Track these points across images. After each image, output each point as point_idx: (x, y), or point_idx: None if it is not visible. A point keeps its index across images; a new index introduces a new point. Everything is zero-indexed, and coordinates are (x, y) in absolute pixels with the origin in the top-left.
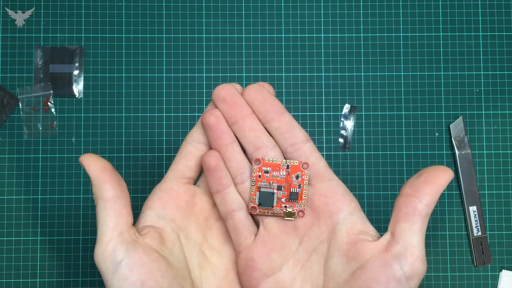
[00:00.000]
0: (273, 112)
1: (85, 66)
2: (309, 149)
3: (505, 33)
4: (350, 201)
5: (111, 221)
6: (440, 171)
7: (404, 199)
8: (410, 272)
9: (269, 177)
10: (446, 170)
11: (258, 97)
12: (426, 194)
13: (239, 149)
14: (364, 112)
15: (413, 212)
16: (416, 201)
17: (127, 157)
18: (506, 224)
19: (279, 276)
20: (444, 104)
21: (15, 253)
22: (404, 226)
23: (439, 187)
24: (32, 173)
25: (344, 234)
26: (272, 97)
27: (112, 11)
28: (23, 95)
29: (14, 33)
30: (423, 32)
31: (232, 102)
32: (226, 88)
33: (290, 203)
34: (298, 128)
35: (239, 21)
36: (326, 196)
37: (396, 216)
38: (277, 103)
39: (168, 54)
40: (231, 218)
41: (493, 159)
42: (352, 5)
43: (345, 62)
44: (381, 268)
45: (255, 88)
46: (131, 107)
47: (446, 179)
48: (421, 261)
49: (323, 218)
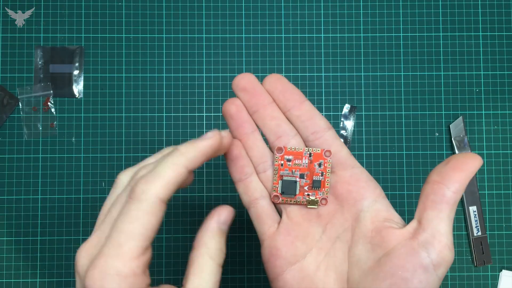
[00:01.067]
0: (294, 100)
1: (85, 66)
2: (331, 137)
3: (505, 33)
4: (374, 188)
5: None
6: (469, 158)
7: (432, 186)
8: (437, 260)
9: (291, 165)
10: (475, 156)
11: (278, 86)
12: (454, 181)
13: (261, 137)
14: (364, 112)
15: (441, 199)
16: (444, 188)
17: (127, 157)
18: (506, 224)
19: (303, 264)
20: (444, 104)
21: (15, 253)
22: (432, 214)
23: (468, 174)
24: (32, 173)
25: (368, 221)
26: (292, 86)
27: (112, 11)
28: (23, 95)
29: (14, 33)
30: (423, 32)
31: (252, 91)
32: (246, 77)
33: (313, 191)
34: (319, 116)
35: (239, 21)
36: (349, 183)
37: (423, 204)
38: (297, 91)
39: (168, 54)
40: (254, 206)
41: (493, 159)
42: (352, 5)
43: (345, 62)
44: (408, 256)
45: (275, 77)
46: (131, 107)
47: (475, 166)
48: (449, 249)
49: (346, 206)
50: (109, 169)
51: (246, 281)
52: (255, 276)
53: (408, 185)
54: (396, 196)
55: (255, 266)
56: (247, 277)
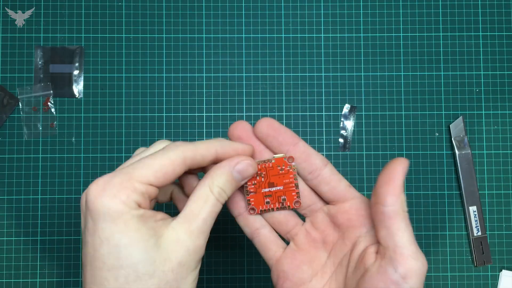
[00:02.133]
0: (288, 144)
1: (85, 66)
2: (328, 173)
3: (505, 33)
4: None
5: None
6: (391, 166)
7: (373, 209)
8: (404, 272)
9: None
10: (396, 161)
11: (270, 131)
12: (386, 196)
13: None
14: (364, 112)
15: (383, 217)
16: (380, 207)
17: (127, 157)
18: (506, 224)
19: (308, 286)
20: (444, 104)
21: (15, 253)
22: (383, 233)
23: (395, 182)
24: (32, 173)
25: (362, 246)
26: (284, 129)
27: (112, 11)
28: (23, 95)
29: (14, 33)
30: (423, 32)
31: (247, 139)
32: (240, 125)
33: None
34: (315, 155)
35: (239, 21)
36: (349, 213)
37: (375, 227)
38: (290, 133)
39: (168, 54)
40: (257, 236)
41: (493, 159)
42: (352, 5)
43: (345, 62)
44: (378, 275)
45: (266, 122)
46: (131, 107)
47: (398, 171)
48: (412, 258)
49: (347, 233)
50: (109, 169)
51: (246, 281)
52: (255, 276)
53: (408, 185)
54: None
55: (255, 266)
56: (247, 277)
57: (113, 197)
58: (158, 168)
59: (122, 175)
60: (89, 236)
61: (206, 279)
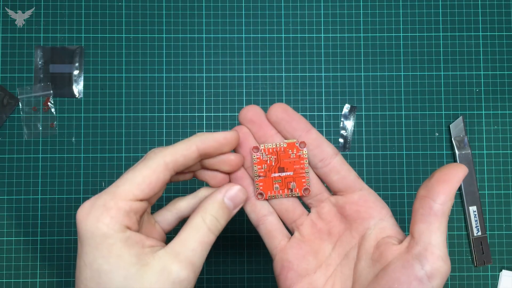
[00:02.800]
0: (300, 129)
1: (85, 66)
2: (339, 162)
3: (505, 33)
4: (381, 208)
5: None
6: (452, 169)
7: (420, 201)
8: (431, 271)
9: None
10: (459, 167)
11: (284, 116)
12: (440, 193)
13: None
14: (364, 112)
15: (429, 212)
16: (430, 201)
17: (127, 157)
18: (506, 224)
19: (312, 278)
20: (444, 104)
21: (15, 253)
22: (422, 227)
23: (452, 184)
24: (32, 173)
25: (373, 238)
26: (297, 115)
27: (112, 11)
28: (23, 95)
29: (14, 33)
30: (423, 32)
31: (259, 123)
32: (252, 109)
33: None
34: (326, 143)
35: (239, 21)
36: (358, 204)
37: (414, 218)
38: (303, 120)
39: (168, 54)
40: (263, 223)
41: (493, 159)
42: (352, 5)
43: (345, 62)
44: (403, 269)
45: (280, 107)
46: (131, 107)
47: (459, 176)
48: (442, 260)
49: (354, 225)
50: (109, 169)
51: (246, 281)
52: (255, 276)
53: (408, 185)
54: (396, 196)
55: (255, 266)
56: (247, 277)
57: (96, 220)
58: (140, 181)
59: (106, 196)
60: (77, 258)
61: (206, 279)
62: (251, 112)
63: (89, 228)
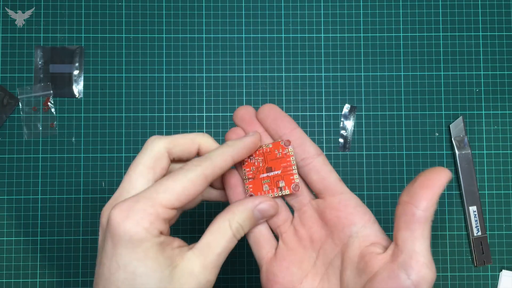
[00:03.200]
0: (285, 127)
1: (85, 66)
2: (320, 163)
3: (505, 33)
4: (363, 214)
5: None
6: (435, 173)
7: (402, 207)
8: (417, 280)
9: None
10: (442, 171)
11: (270, 114)
12: (422, 199)
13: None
14: (364, 112)
15: (411, 219)
16: (413, 208)
17: (127, 157)
18: (506, 224)
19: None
20: (444, 104)
21: (15, 253)
22: (405, 235)
23: (435, 190)
24: (32, 173)
25: (356, 246)
26: (283, 114)
27: (112, 11)
28: (23, 95)
29: (14, 33)
30: (423, 32)
31: (249, 121)
32: (244, 108)
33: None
34: (309, 143)
35: (239, 21)
36: (338, 209)
37: (397, 225)
38: (289, 119)
39: (168, 54)
40: (252, 231)
41: (493, 159)
42: (352, 5)
43: (345, 62)
44: (389, 279)
45: (268, 107)
46: (131, 107)
47: (442, 181)
48: (427, 267)
49: (336, 232)
50: (109, 169)
51: (246, 281)
52: (255, 276)
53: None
54: (396, 196)
55: (255, 266)
56: (247, 277)
57: (136, 224)
58: (181, 191)
59: (146, 200)
60: (106, 258)
61: None
62: (243, 111)
63: (127, 231)
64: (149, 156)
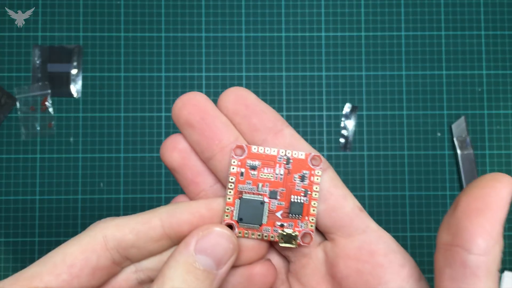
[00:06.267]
0: (266, 129)
1: (83, 66)
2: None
3: (508, 32)
4: (400, 266)
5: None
6: (487, 186)
7: (444, 253)
8: None
9: (257, 176)
10: (496, 179)
11: (240, 108)
12: (474, 236)
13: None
14: (365, 111)
15: (463, 272)
16: (461, 252)
17: (126, 157)
18: (508, 225)
19: None
20: (446, 103)
21: (12, 254)
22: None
23: (495, 215)
24: (30, 173)
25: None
26: (261, 106)
27: (110, 10)
28: (21, 95)
29: (11, 32)
30: (425, 31)
31: (202, 126)
32: (192, 101)
33: (290, 220)
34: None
35: (239, 20)
36: (359, 259)
37: (441, 283)
38: (270, 114)
39: (167, 54)
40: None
41: (495, 160)
42: (353, 4)
43: (346, 61)
44: None
45: (234, 94)
46: (130, 107)
47: (502, 196)
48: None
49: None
50: (107, 170)
51: None
52: None
53: (409, 185)
54: (397, 197)
55: None
56: None
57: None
58: (59, 261)
59: (8, 281)
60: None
61: None
62: (190, 106)
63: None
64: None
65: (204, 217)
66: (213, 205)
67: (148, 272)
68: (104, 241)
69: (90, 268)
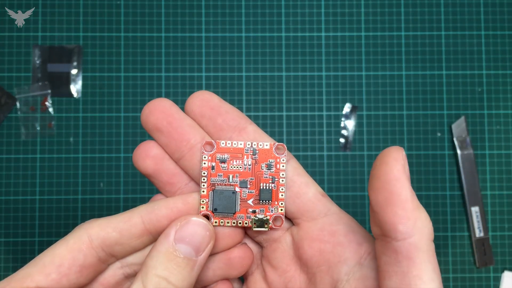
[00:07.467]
0: (230, 128)
1: (84, 65)
2: (291, 171)
3: (508, 32)
4: (358, 244)
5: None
6: (383, 171)
7: (379, 243)
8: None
9: (227, 168)
10: (388, 157)
11: (206, 111)
12: (394, 224)
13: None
14: (365, 111)
15: (396, 257)
16: (390, 241)
17: (126, 157)
18: (508, 225)
19: None
20: (446, 103)
21: (12, 255)
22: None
23: (401, 196)
24: (30, 173)
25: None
26: (225, 107)
27: (110, 10)
28: (21, 95)
29: (11, 32)
30: (425, 31)
31: (170, 130)
32: (159, 107)
33: (261, 206)
34: (268, 141)
35: (239, 20)
36: (321, 240)
37: (381, 271)
38: (234, 114)
39: (167, 54)
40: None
41: (496, 160)
42: (353, 4)
43: (346, 61)
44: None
45: (199, 98)
46: (130, 107)
47: (398, 173)
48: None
49: (319, 275)
50: (107, 170)
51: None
52: None
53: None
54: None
55: None
56: None
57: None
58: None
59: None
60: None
61: None
62: (157, 113)
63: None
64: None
65: (181, 211)
66: (189, 200)
67: (133, 267)
68: (89, 240)
69: (78, 267)
